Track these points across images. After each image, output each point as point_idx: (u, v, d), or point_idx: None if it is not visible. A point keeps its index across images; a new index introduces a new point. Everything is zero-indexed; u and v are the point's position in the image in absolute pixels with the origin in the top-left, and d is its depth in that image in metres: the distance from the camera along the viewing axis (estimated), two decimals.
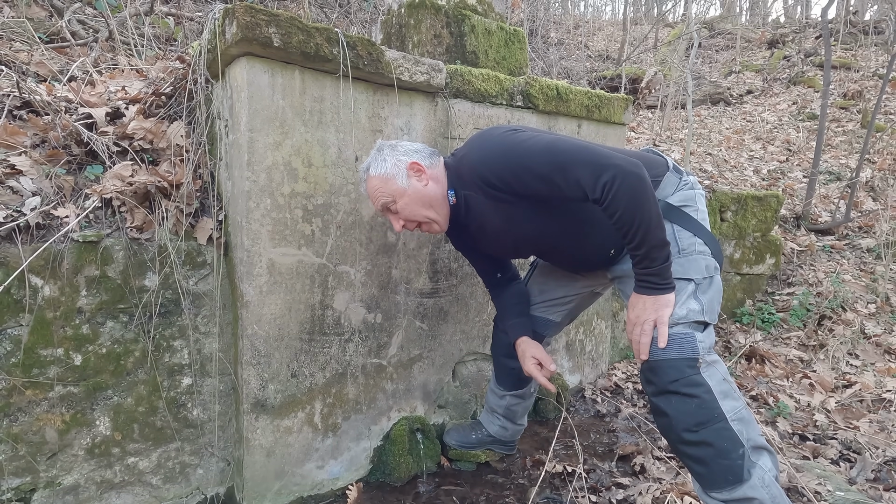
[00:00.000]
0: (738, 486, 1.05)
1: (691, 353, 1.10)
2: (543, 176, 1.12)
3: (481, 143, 1.23)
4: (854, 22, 8.16)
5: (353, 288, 1.52)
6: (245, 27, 1.19)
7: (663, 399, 1.11)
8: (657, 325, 1.14)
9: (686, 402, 1.08)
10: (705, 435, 1.06)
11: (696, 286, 1.18)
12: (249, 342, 1.35)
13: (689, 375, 1.09)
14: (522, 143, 1.15)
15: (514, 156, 1.16)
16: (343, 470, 1.57)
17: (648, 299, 1.15)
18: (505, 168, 1.17)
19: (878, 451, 1.76)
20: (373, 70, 1.42)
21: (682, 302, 1.16)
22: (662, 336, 1.12)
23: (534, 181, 1.14)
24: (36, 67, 1.77)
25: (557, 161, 1.11)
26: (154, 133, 1.46)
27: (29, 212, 1.21)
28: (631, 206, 1.07)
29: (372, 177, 1.25)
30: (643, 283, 1.16)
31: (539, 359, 1.42)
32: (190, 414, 1.41)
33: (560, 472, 1.64)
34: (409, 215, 1.25)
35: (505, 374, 1.61)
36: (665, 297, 1.14)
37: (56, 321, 1.22)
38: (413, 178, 1.23)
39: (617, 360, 2.57)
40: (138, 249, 1.31)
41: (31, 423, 1.21)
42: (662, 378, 1.11)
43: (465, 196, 1.26)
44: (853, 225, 3.66)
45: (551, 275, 1.55)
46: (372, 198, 1.28)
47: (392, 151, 1.25)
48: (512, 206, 1.22)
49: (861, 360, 2.46)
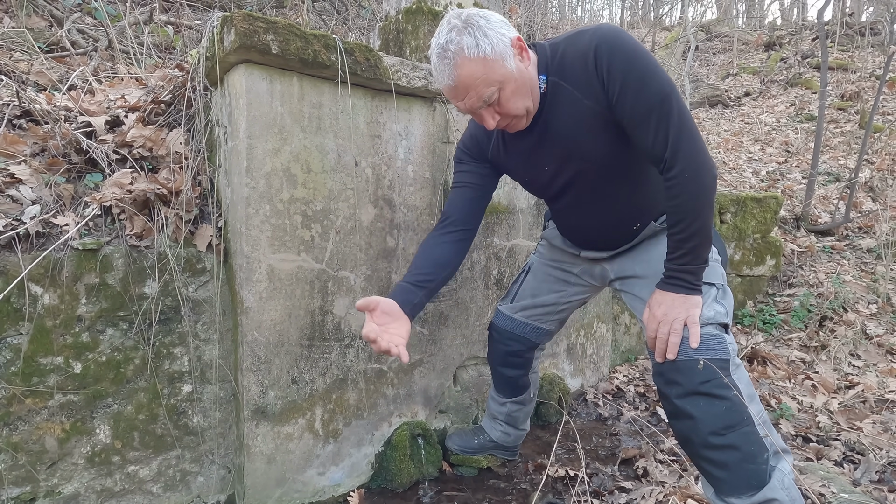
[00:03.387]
0: (759, 490, 1.01)
1: (723, 355, 1.06)
2: (649, 102, 0.99)
3: (605, 31, 1.02)
4: (850, 23, 8.20)
5: (354, 293, 1.52)
6: (243, 34, 1.20)
7: (690, 401, 1.05)
8: (688, 324, 1.08)
9: (716, 404, 1.03)
10: (733, 438, 1.02)
11: (717, 291, 1.15)
12: (249, 348, 1.35)
13: (720, 377, 1.04)
14: (653, 60, 1.01)
15: (642, 60, 0.99)
16: (344, 476, 1.57)
17: (678, 298, 1.09)
18: (624, 62, 0.99)
19: (881, 452, 1.75)
20: (371, 76, 1.43)
21: (709, 304, 1.12)
22: (695, 336, 1.07)
23: (636, 100, 1.00)
24: (36, 77, 1.78)
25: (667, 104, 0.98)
26: (153, 141, 1.47)
27: (29, 220, 1.22)
28: (701, 194, 1.03)
29: (470, 60, 0.97)
30: (677, 279, 1.10)
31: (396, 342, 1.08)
32: (190, 421, 1.41)
33: (562, 477, 1.63)
34: (511, 108, 1.04)
35: (503, 383, 1.59)
36: (695, 298, 1.09)
37: (56, 329, 1.21)
38: (517, 59, 1.02)
39: (618, 364, 2.56)
40: (138, 257, 1.31)
41: (31, 431, 1.20)
42: (692, 378, 1.05)
43: (555, 84, 1.08)
44: (853, 225, 3.66)
45: (545, 280, 1.49)
46: (464, 89, 1.01)
47: (488, 23, 0.99)
48: (593, 113, 1.07)
49: (863, 360, 2.45)
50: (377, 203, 1.54)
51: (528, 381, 1.60)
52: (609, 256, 1.35)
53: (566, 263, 1.46)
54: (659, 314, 1.11)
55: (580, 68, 1.04)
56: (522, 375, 1.57)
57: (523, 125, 1.11)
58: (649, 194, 1.22)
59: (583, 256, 1.40)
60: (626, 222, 1.26)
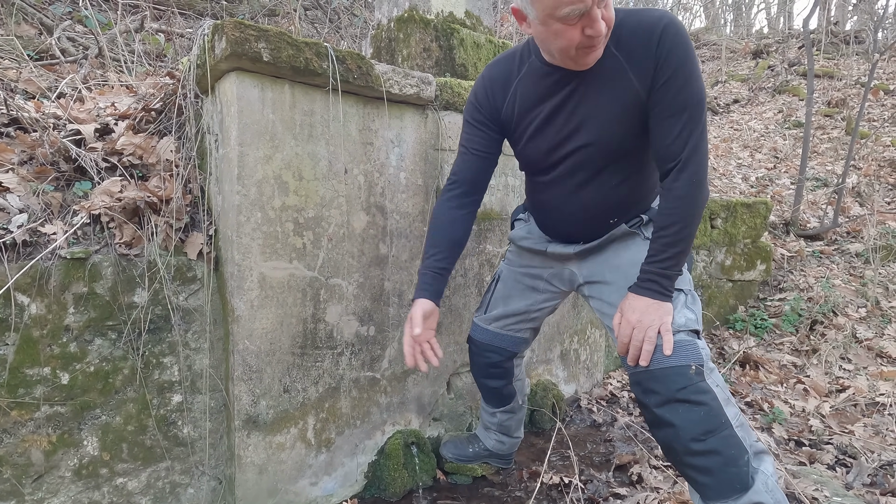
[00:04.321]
0: (744, 493, 1.02)
1: (697, 360, 1.07)
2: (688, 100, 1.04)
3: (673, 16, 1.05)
4: (835, 32, 8.35)
5: (346, 301, 1.51)
6: (234, 42, 1.20)
7: (669, 409, 1.05)
8: (661, 332, 1.08)
9: (694, 410, 1.03)
10: (713, 443, 1.02)
11: (685, 297, 1.15)
12: (241, 357, 1.34)
13: (696, 382, 1.04)
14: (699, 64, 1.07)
15: (695, 59, 1.04)
16: (337, 486, 1.55)
17: (652, 304, 1.10)
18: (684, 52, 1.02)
19: (873, 455, 1.77)
20: (363, 84, 1.43)
21: (679, 310, 1.13)
22: (668, 343, 1.07)
23: (678, 93, 1.04)
24: (24, 85, 1.77)
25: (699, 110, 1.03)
26: (144, 148, 1.46)
27: (16, 229, 1.20)
28: (698, 203, 1.06)
29: None
30: (653, 283, 1.11)
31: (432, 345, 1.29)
32: (180, 432, 1.39)
33: (557, 484, 1.62)
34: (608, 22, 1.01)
35: (489, 394, 1.58)
36: (667, 305, 1.10)
37: (43, 340, 1.20)
38: None
39: (612, 369, 2.57)
40: (127, 265, 1.29)
41: (17, 444, 1.18)
42: (669, 386, 1.05)
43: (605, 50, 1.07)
44: (841, 230, 3.71)
45: (514, 288, 1.46)
46: None
47: None
48: (632, 91, 1.08)
49: (854, 364, 2.47)
50: (369, 210, 1.54)
51: (514, 389, 1.58)
52: (576, 254, 1.33)
53: (534, 268, 1.44)
54: (633, 320, 1.11)
55: (640, 41, 1.04)
56: (506, 385, 1.55)
57: (595, 57, 1.05)
58: (636, 191, 1.24)
59: (549, 253, 1.38)
60: (605, 213, 1.26)
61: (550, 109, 1.17)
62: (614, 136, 1.14)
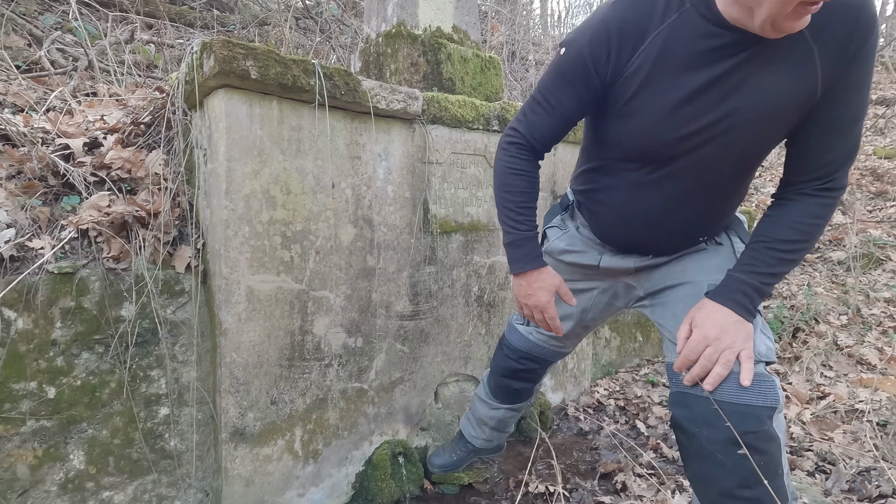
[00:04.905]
0: None
1: (774, 403, 0.91)
2: (859, 110, 0.88)
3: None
4: None
5: (333, 313, 1.53)
6: (222, 61, 1.22)
7: (726, 449, 0.90)
8: (741, 358, 0.91)
9: (755, 458, 0.88)
10: (760, 492, 0.88)
11: (762, 320, 0.99)
12: (228, 370, 1.35)
13: (767, 427, 0.90)
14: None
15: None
16: (324, 497, 1.56)
17: (737, 321, 0.93)
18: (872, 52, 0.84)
19: (851, 461, 1.80)
20: (350, 99, 1.45)
21: (758, 335, 0.96)
22: (748, 373, 0.90)
23: (854, 99, 0.86)
24: (13, 98, 1.77)
25: (863, 121, 0.88)
26: (132, 162, 1.47)
27: (3, 244, 1.21)
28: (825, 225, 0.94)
29: None
30: (743, 296, 0.94)
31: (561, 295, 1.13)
32: (167, 445, 1.39)
33: (542, 493, 1.64)
34: None
35: (504, 392, 1.52)
36: (750, 326, 0.94)
37: (29, 354, 1.20)
38: None
39: (599, 377, 2.59)
40: (115, 279, 1.30)
41: (2, 459, 1.18)
42: (737, 425, 0.89)
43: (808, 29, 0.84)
44: (823, 238, 3.78)
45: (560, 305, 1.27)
46: None
47: None
48: (809, 82, 0.85)
49: (834, 371, 2.52)
50: (357, 223, 1.56)
51: (533, 390, 1.55)
52: (637, 268, 1.15)
53: (577, 282, 1.26)
54: (711, 335, 0.92)
55: (839, 23, 0.81)
56: (530, 387, 1.52)
57: (805, 22, 0.78)
58: (736, 203, 1.08)
59: (603, 268, 1.18)
60: (703, 227, 1.06)
61: (702, 83, 0.87)
62: (768, 134, 0.91)
